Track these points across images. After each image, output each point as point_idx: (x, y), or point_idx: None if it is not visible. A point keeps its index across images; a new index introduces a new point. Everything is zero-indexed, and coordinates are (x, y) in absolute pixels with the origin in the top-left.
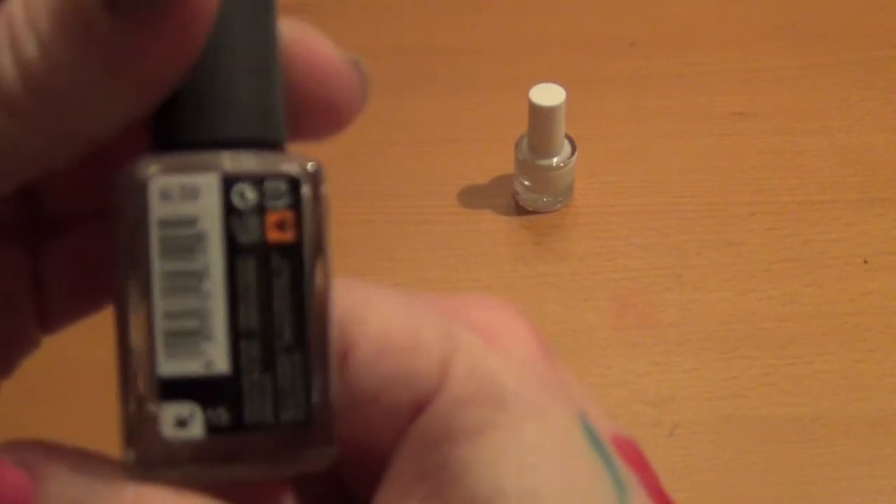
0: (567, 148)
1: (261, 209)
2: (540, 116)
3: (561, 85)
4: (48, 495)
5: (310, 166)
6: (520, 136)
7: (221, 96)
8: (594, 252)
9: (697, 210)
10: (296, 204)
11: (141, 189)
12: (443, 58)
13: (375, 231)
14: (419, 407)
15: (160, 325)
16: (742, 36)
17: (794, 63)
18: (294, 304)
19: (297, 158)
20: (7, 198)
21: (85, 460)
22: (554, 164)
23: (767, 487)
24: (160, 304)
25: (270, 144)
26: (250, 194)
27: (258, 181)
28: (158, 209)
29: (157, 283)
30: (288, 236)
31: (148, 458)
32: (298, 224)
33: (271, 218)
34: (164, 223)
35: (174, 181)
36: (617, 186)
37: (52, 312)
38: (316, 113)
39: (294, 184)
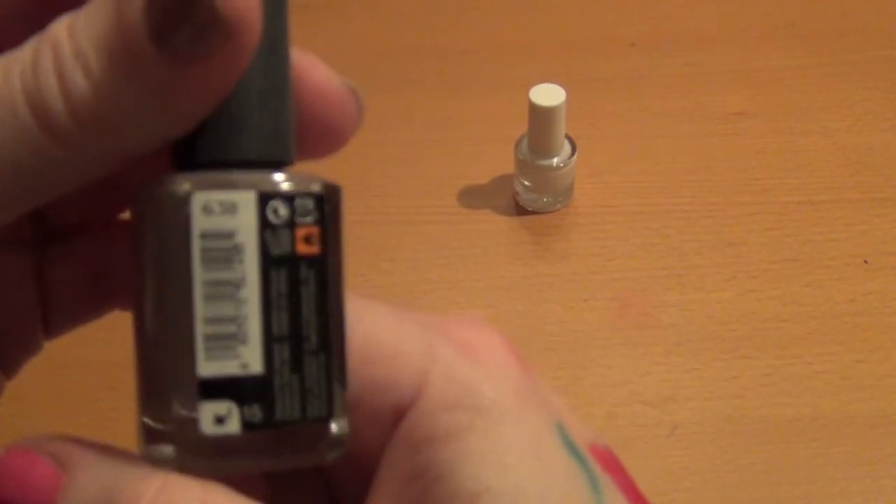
0: (567, 148)
1: (291, 224)
2: (540, 116)
3: (561, 85)
4: (76, 484)
5: (332, 186)
6: (520, 136)
7: (244, 121)
8: (594, 252)
9: (697, 210)
10: (321, 220)
11: (183, 203)
12: (443, 58)
13: (375, 231)
14: (401, 412)
15: (201, 329)
16: (742, 36)
17: (794, 63)
18: (319, 311)
19: (319, 178)
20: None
21: (111, 453)
22: (554, 165)
23: (767, 487)
24: (201, 310)
25: (284, 164)
26: (283, 211)
27: (289, 199)
28: (200, 222)
29: (198, 291)
30: (314, 249)
31: (187, 452)
32: (323, 238)
33: (300, 232)
34: (206, 235)
35: (215, 197)
36: (617, 186)
37: (55, 317)
38: (318, 134)
39: (320, 201)
